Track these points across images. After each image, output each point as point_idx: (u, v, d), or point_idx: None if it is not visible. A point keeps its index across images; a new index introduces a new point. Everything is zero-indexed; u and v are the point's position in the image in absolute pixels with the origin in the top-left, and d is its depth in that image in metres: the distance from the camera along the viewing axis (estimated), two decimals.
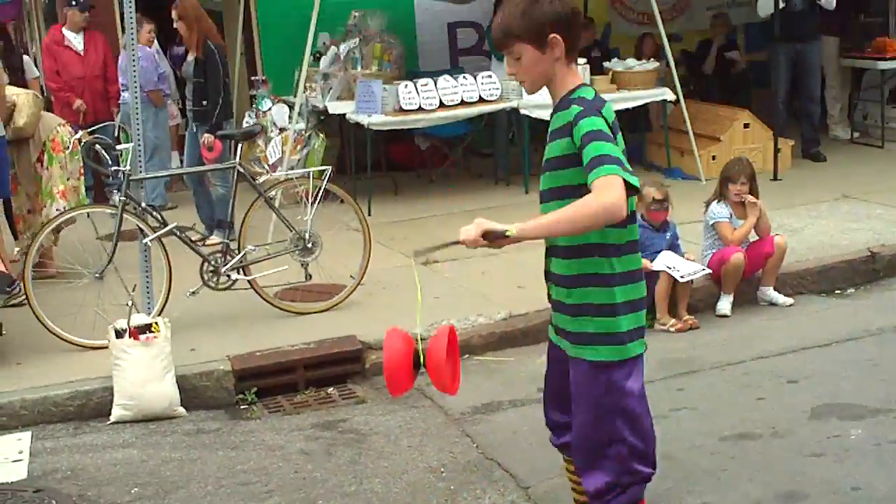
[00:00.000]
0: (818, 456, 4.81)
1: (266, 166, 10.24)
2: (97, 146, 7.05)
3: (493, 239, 3.37)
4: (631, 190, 3.23)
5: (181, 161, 11.39)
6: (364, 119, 9.70)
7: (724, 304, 7.09)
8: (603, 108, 3.36)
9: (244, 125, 10.59)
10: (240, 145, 7.44)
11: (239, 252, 6.91)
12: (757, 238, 7.22)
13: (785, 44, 10.73)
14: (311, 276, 7.07)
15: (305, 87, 10.11)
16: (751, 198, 7.10)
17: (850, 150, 11.53)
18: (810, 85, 11.16)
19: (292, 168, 9.45)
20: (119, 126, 10.32)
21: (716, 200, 7.23)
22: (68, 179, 7.97)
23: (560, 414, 3.81)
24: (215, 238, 8.61)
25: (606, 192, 3.16)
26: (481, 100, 10.07)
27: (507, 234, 3.32)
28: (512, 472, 4.88)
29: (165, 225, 6.75)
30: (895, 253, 7.71)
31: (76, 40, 10.81)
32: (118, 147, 6.92)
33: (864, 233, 8.14)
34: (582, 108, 3.32)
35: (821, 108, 12.14)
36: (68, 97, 10.61)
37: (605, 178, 3.17)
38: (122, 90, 10.77)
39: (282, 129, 10.50)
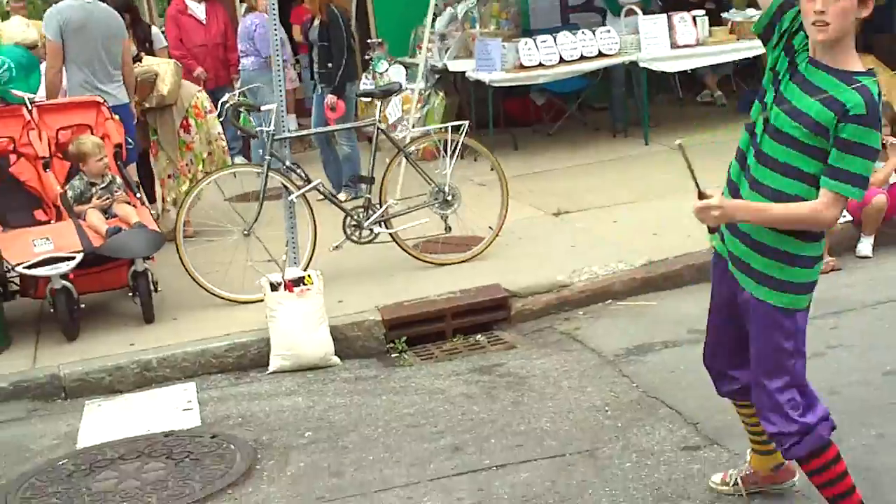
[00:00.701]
0: None
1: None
2: (241, 108, 7.22)
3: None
4: None
5: (298, 124, 11.60)
6: (485, 76, 9.78)
7: (866, 246, 7.04)
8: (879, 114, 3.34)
9: (360, 87, 10.71)
10: (378, 103, 7.56)
11: (381, 206, 7.04)
12: (894, 182, 7.15)
13: None
14: (450, 229, 7.18)
15: (421, 48, 10.21)
16: (893, 139, 7.02)
17: None
18: None
19: (414, 126, 9.56)
20: (239, 92, 10.51)
21: None
22: (210, 143, 8.21)
23: (729, 365, 3.84)
24: (342, 196, 8.78)
25: (831, 212, 3.33)
26: (600, 54, 10.06)
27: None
28: (677, 409, 4.94)
29: (309, 182, 6.90)
30: None
31: (199, 10, 11.04)
32: (262, 108, 7.07)
33: None
34: (866, 113, 3.25)
35: None
36: (191, 64, 10.84)
37: (840, 198, 3.31)
38: (241, 57, 10.98)
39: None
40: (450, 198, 7.16)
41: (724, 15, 10.89)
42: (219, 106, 7.31)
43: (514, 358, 5.90)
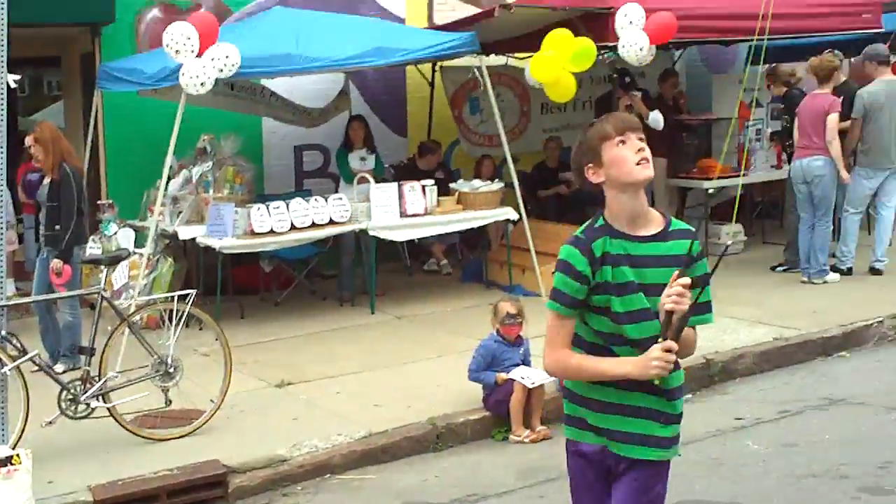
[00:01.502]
0: None
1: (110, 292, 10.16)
2: None
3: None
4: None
5: (17, 288, 11.20)
6: (216, 242, 9.78)
7: None
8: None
9: (87, 250, 10.49)
10: (104, 269, 7.45)
11: (100, 379, 6.87)
12: None
13: None
14: (171, 402, 7.07)
15: (153, 211, 10.15)
16: None
17: None
18: None
19: (139, 293, 9.42)
20: None
21: None
22: None
23: None
24: (60, 367, 8.52)
25: None
26: (332, 221, 10.26)
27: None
28: None
29: (25, 353, 6.68)
30: (727, 359, 8.18)
31: None
32: None
33: (699, 341, 8.55)
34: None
35: None
36: None
37: None
38: None
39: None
40: (171, 370, 7.06)
41: (452, 185, 11.36)
42: None
43: None
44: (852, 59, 15.48)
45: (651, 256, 3.50)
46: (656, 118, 11.84)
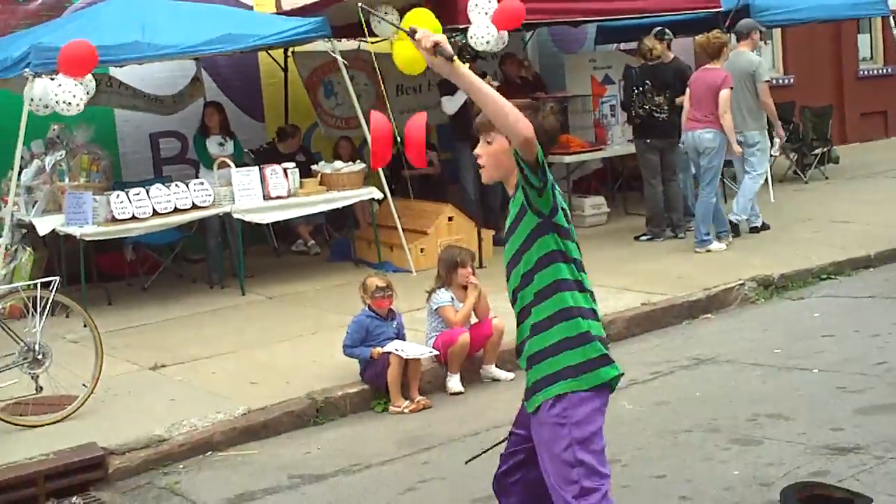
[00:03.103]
0: None
1: None
2: None
3: (438, 54, 3.48)
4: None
5: None
6: (76, 230, 9.56)
7: (454, 383, 7.46)
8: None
9: None
10: None
11: None
12: (477, 321, 7.67)
13: (467, 142, 11.47)
14: (41, 388, 6.89)
15: (7, 202, 9.87)
16: (474, 279, 7.56)
17: None
18: None
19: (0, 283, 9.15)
20: None
21: (440, 287, 7.62)
22: None
23: None
24: None
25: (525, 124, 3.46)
26: (194, 206, 10.14)
27: (454, 60, 3.49)
28: None
29: None
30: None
31: None
32: None
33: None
34: None
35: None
36: None
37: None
38: None
39: None
40: (40, 356, 6.88)
41: (315, 167, 11.33)
42: None
43: None
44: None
45: None
46: (445, 105, 11.99)
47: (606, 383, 3.75)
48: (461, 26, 10.65)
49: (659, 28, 11.59)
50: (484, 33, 10.21)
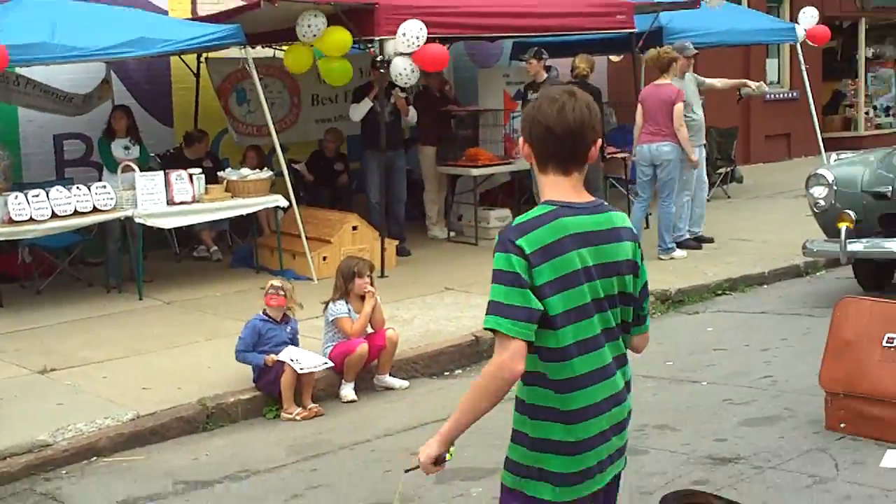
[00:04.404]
0: None
1: None
2: None
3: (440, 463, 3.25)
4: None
5: None
6: None
7: (348, 391, 7.44)
8: (524, 236, 3.02)
9: None
10: None
11: None
12: (372, 331, 7.65)
13: (376, 151, 11.50)
14: None
15: None
16: (372, 289, 7.54)
17: (449, 248, 12.40)
18: (397, 188, 12.03)
19: None
20: None
21: (338, 298, 7.58)
22: None
23: None
24: None
25: (494, 352, 3.03)
26: (95, 209, 9.97)
27: (449, 456, 3.24)
28: None
29: None
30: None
31: None
32: None
33: (468, 320, 8.82)
34: (498, 240, 3.09)
35: (419, 210, 13.13)
36: None
37: (494, 334, 3.02)
38: None
39: None
40: None
41: (221, 174, 11.22)
42: None
43: None
44: (611, 57, 16.35)
45: None
46: (352, 112, 12.04)
47: None
48: (377, 38, 10.68)
49: (536, 48, 11.73)
50: (406, 70, 10.42)
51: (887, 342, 5.93)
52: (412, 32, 10.34)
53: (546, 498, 3.12)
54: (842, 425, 6.01)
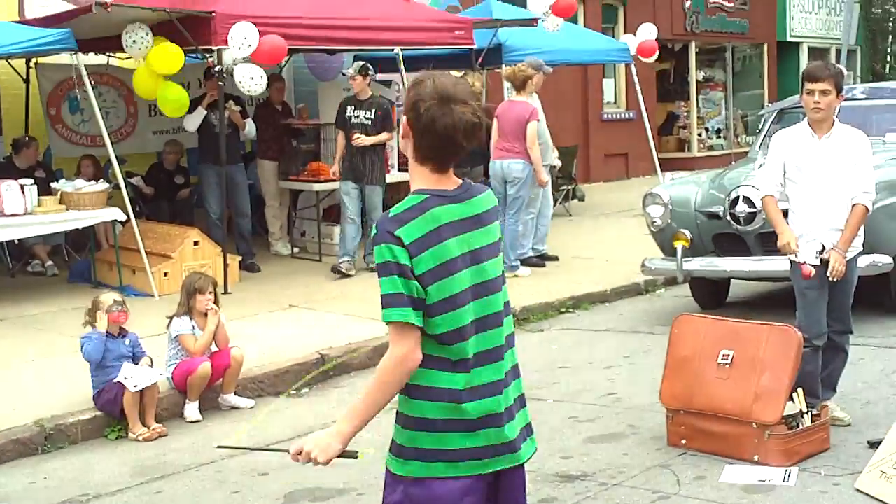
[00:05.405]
0: None
1: None
2: None
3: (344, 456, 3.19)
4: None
5: None
6: None
7: (192, 411, 7.28)
8: (403, 226, 3.08)
9: None
10: None
11: None
12: (217, 349, 7.51)
13: (213, 165, 11.33)
14: None
15: None
16: (214, 307, 7.41)
17: (292, 264, 12.30)
18: (240, 203, 11.87)
19: None
20: None
21: (182, 314, 7.43)
22: None
23: None
24: None
25: (391, 345, 3.10)
26: None
27: (361, 456, 3.19)
28: None
29: None
30: (341, 354, 8.35)
31: None
32: None
33: (313, 337, 8.76)
34: (376, 233, 3.12)
35: (263, 226, 12.98)
36: None
37: (390, 326, 3.09)
38: None
39: None
40: None
41: (54, 185, 10.88)
42: None
43: None
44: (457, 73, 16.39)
45: None
46: (186, 122, 11.88)
47: None
48: (214, 47, 10.51)
49: (363, 63, 11.54)
50: (250, 75, 10.26)
51: (722, 359, 6.11)
52: (241, 34, 10.12)
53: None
54: (683, 441, 6.18)
